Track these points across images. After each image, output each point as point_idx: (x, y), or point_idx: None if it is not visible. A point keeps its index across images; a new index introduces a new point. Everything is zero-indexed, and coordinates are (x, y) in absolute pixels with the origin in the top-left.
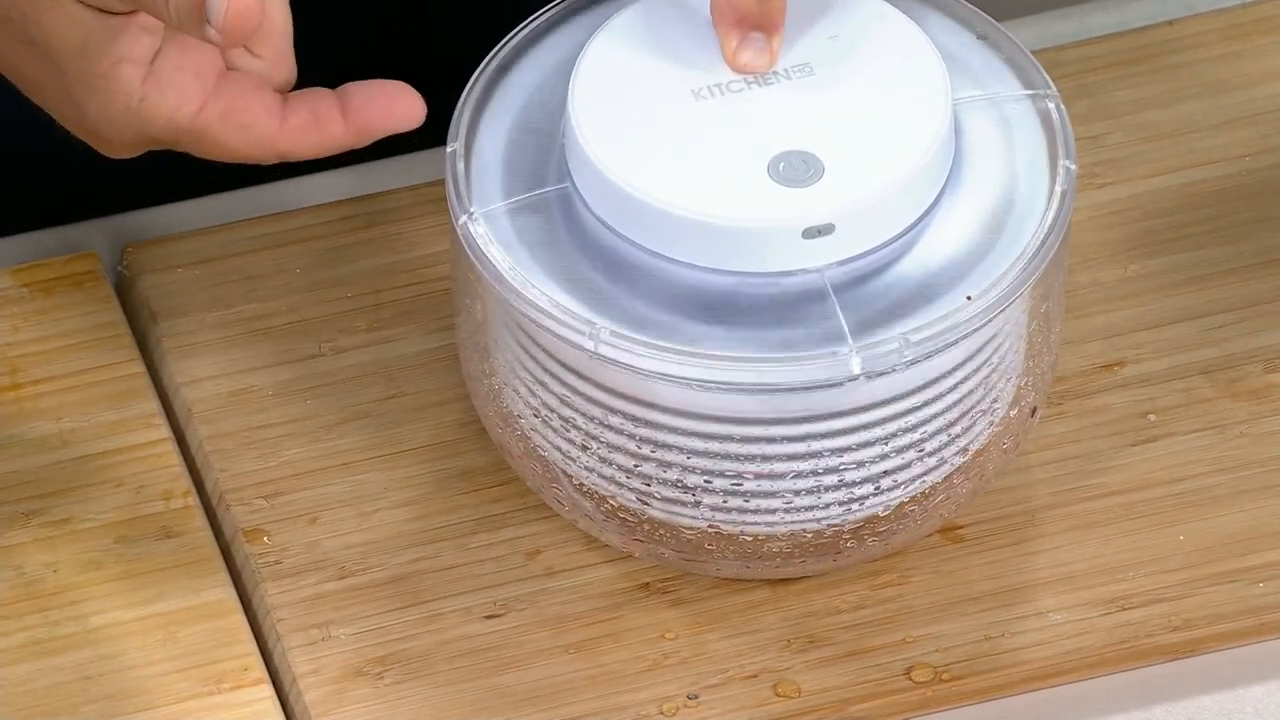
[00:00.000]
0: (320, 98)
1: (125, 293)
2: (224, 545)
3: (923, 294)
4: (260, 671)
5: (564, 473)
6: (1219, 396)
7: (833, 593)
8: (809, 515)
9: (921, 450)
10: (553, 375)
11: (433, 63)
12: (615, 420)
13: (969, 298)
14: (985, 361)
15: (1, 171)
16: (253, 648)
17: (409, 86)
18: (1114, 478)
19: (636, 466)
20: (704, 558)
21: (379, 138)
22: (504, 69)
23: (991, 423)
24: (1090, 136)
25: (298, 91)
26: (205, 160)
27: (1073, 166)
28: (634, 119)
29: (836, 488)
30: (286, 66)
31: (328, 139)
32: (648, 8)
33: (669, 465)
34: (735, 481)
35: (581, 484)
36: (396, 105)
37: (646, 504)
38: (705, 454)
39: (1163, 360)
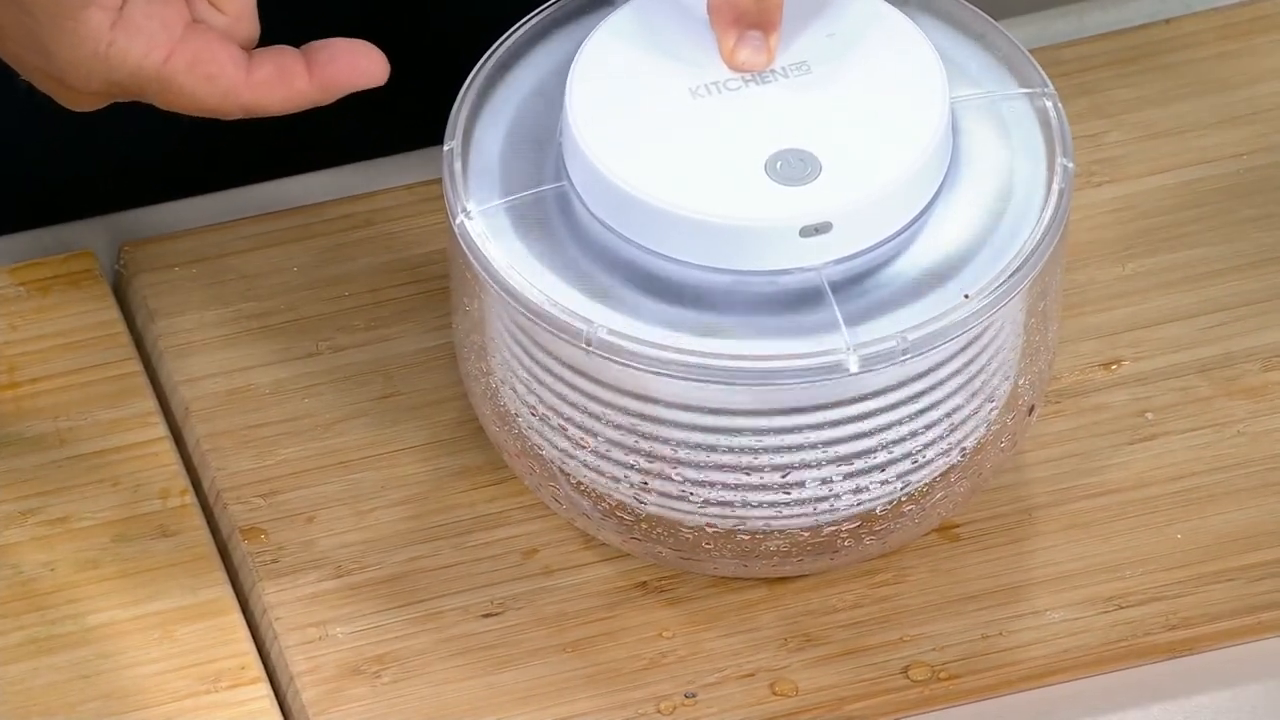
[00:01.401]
0: (285, 53)
1: (122, 291)
2: (221, 544)
3: (920, 292)
4: (257, 670)
5: (561, 471)
6: (1216, 395)
7: (830, 591)
8: (806, 514)
9: (918, 449)
10: (550, 373)
11: (430, 61)
12: (612, 418)
13: (966, 296)
14: (982, 360)
15: None
16: (250, 646)
17: (372, 45)
18: (1111, 476)
19: (634, 464)
20: (701, 556)
21: (344, 94)
22: (501, 68)
23: (988, 421)
24: (1088, 135)
25: (263, 48)
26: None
27: (1070, 165)
28: (631, 117)
29: (833, 486)
30: (250, 23)
31: (294, 93)
32: (645, 6)
33: (666, 463)
34: (733, 480)
35: (579, 482)
36: (360, 61)
37: (644, 502)
38: (702, 452)
39: (1160, 359)
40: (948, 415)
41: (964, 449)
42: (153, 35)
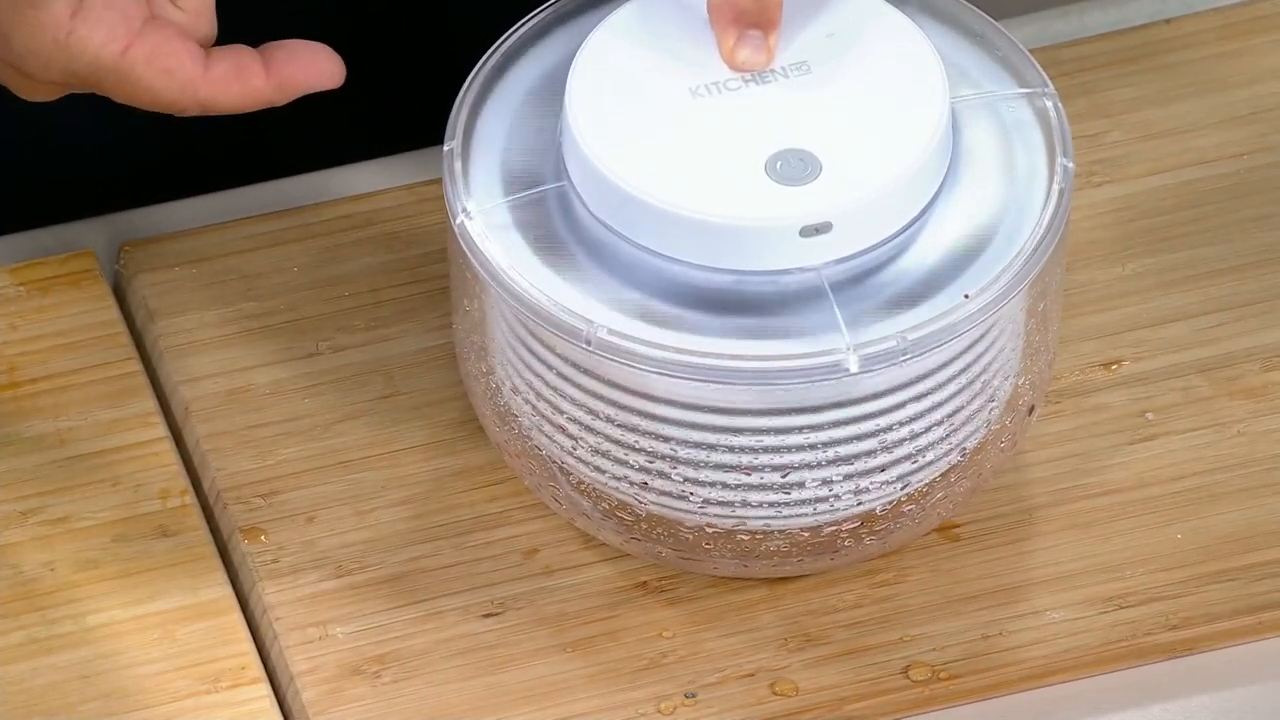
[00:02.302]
0: (243, 52)
1: (122, 291)
2: (221, 544)
3: (920, 292)
4: (257, 670)
5: (561, 470)
6: (1217, 395)
7: (830, 591)
8: (806, 513)
9: (918, 448)
10: (551, 371)
11: (429, 61)
12: (612, 418)
13: (966, 296)
14: (982, 360)
15: None
16: (250, 646)
17: (329, 48)
18: (1112, 476)
19: (634, 464)
20: (701, 556)
21: (300, 94)
22: (501, 67)
23: (989, 421)
24: (1088, 135)
25: (221, 46)
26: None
27: (1070, 165)
28: (631, 117)
29: (834, 485)
30: (208, 21)
31: (250, 90)
32: (645, 5)
33: (666, 463)
34: (733, 480)
35: (579, 482)
36: (317, 63)
37: (644, 502)
38: (702, 452)
39: (1160, 359)
40: (948, 415)
41: (964, 449)
42: (112, 26)
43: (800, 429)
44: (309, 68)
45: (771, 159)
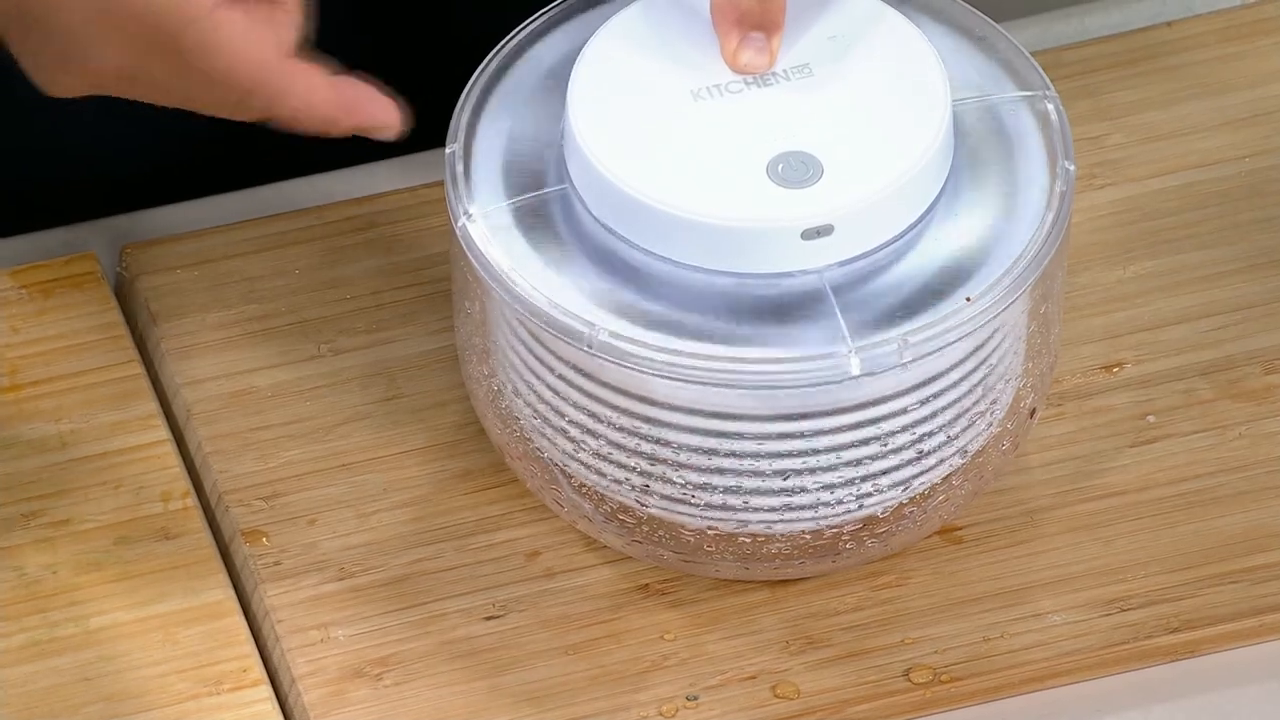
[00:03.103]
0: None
1: (124, 294)
2: (223, 546)
3: (922, 295)
4: (259, 673)
5: (563, 473)
6: (1218, 397)
7: (832, 594)
8: (808, 516)
9: (920, 451)
10: (553, 374)
11: (431, 63)
12: (614, 421)
13: (968, 299)
14: (984, 363)
15: (0, 172)
16: (252, 649)
17: (396, 101)
18: (1114, 479)
19: (635, 467)
20: (703, 559)
21: (357, 132)
22: (503, 70)
23: (990, 424)
24: (1090, 137)
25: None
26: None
27: (1072, 167)
28: (633, 120)
29: (835, 488)
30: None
31: (321, 101)
32: (647, 8)
33: (668, 465)
34: (735, 483)
35: (581, 485)
36: (379, 110)
37: (645, 504)
38: (704, 455)
39: (1162, 361)
40: (950, 418)
41: (966, 452)
42: None
43: (802, 432)
44: (373, 109)
45: (773, 161)
